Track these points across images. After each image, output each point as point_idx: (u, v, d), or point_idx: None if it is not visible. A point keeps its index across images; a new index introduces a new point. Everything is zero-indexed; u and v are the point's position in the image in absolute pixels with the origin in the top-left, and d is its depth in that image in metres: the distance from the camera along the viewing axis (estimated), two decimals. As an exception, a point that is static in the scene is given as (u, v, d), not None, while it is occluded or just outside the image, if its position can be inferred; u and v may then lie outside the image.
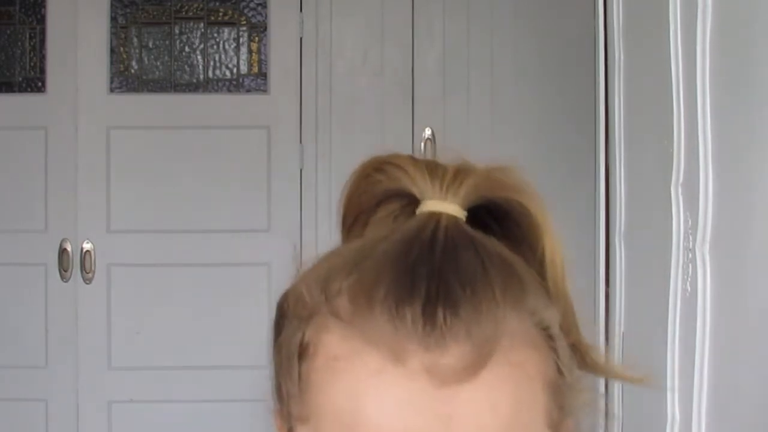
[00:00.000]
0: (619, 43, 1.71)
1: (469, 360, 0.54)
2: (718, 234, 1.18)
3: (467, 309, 0.55)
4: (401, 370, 0.54)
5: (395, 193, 0.63)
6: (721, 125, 1.17)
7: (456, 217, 0.60)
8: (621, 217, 1.71)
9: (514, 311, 0.57)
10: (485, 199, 0.62)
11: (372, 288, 0.56)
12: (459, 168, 0.62)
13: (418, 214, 0.60)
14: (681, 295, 1.29)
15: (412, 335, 0.54)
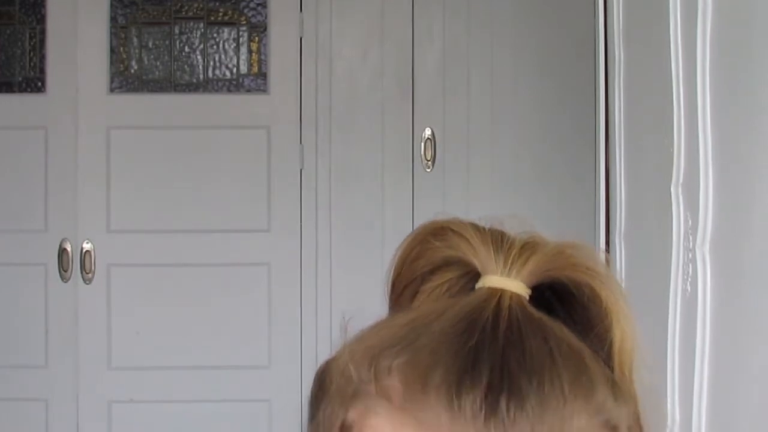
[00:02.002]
0: (619, 43, 1.71)
1: None
2: (718, 234, 1.18)
3: (533, 403, 0.49)
4: None
5: (454, 261, 0.57)
6: (721, 125, 1.17)
7: (520, 296, 0.55)
8: (621, 217, 1.71)
9: (582, 408, 0.51)
10: (552, 278, 0.57)
11: (428, 371, 0.50)
12: (527, 242, 0.57)
13: (478, 288, 0.55)
14: (681, 295, 1.29)
15: (471, 427, 0.49)
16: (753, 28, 1.07)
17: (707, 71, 1.19)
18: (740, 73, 1.10)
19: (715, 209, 1.18)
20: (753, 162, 1.06)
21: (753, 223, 1.06)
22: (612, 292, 0.57)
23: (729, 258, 1.15)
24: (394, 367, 0.51)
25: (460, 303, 0.54)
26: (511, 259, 0.56)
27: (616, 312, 0.57)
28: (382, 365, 0.52)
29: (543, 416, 0.49)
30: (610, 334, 0.56)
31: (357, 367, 0.53)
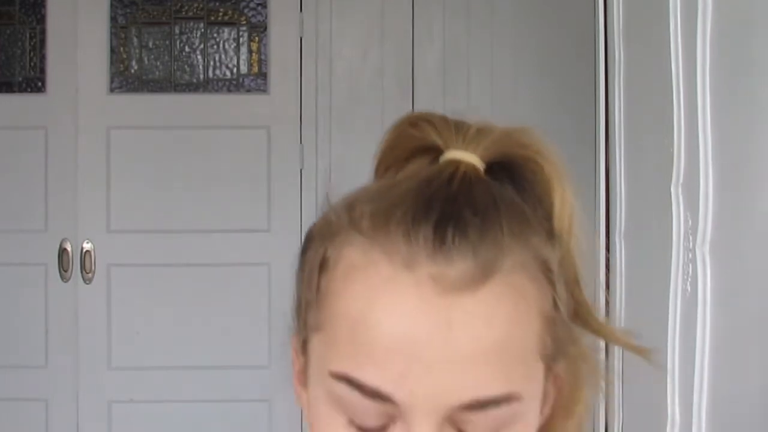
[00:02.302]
0: (619, 43, 1.71)
1: (472, 275, 0.59)
2: (718, 234, 1.18)
3: (475, 233, 0.60)
4: (411, 277, 0.60)
5: (424, 147, 0.68)
6: (721, 125, 1.17)
7: (475, 165, 0.65)
8: (621, 217, 1.71)
9: (518, 244, 0.62)
10: (503, 155, 0.67)
11: (391, 210, 0.62)
12: (483, 126, 0.68)
13: (441, 161, 0.66)
14: (681, 295, 1.29)
15: (423, 249, 0.60)
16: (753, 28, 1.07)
17: (707, 71, 1.19)
18: (740, 73, 1.11)
19: (715, 209, 1.18)
20: (753, 162, 1.06)
21: (753, 223, 1.06)
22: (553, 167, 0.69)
23: (729, 258, 1.15)
24: (366, 211, 0.63)
25: (425, 169, 0.66)
26: (469, 138, 0.66)
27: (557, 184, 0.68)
28: (356, 210, 0.63)
29: (483, 243, 0.60)
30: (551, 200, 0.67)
31: (336, 214, 0.65)
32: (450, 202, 0.62)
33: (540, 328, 0.63)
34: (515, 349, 0.61)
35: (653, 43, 1.43)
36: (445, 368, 0.59)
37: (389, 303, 0.60)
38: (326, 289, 0.64)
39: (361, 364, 0.60)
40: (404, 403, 0.60)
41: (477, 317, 0.60)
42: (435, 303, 0.59)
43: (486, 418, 0.61)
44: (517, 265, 0.62)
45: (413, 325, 0.59)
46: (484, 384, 0.60)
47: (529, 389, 0.63)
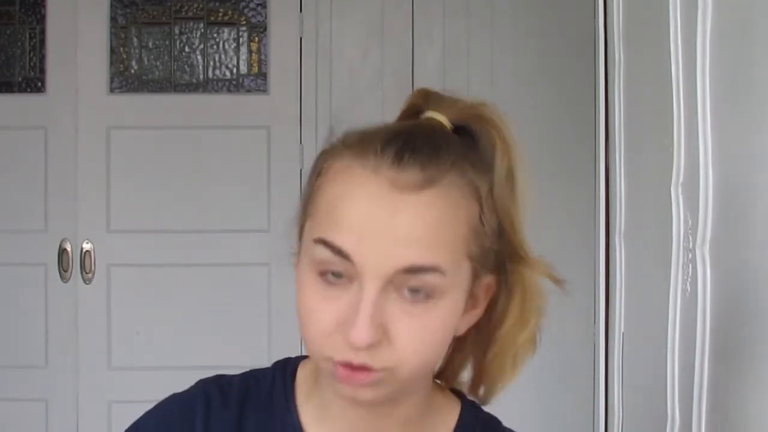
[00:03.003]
0: (619, 43, 1.71)
1: (418, 181, 0.84)
2: (718, 234, 1.18)
3: (424, 157, 0.86)
4: (375, 179, 0.85)
5: (416, 110, 0.96)
6: (721, 125, 1.17)
7: (441, 122, 0.93)
8: (621, 217, 1.71)
9: (457, 172, 0.87)
10: (464, 120, 0.93)
11: (372, 136, 0.89)
12: (457, 98, 0.96)
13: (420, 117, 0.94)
14: (681, 295, 1.29)
15: (387, 161, 0.85)
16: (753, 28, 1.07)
17: (707, 71, 1.19)
18: (740, 73, 1.11)
19: (715, 209, 1.18)
20: (753, 162, 1.06)
21: (753, 223, 1.06)
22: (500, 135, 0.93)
23: (729, 258, 1.15)
24: (356, 136, 0.91)
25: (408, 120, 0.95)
26: (443, 105, 0.94)
27: (501, 149, 0.92)
28: (349, 136, 0.93)
29: (428, 166, 0.85)
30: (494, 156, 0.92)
31: (337, 137, 0.94)
32: (413, 136, 0.88)
33: (466, 233, 0.87)
34: (443, 238, 0.85)
35: (653, 43, 1.43)
36: (389, 242, 0.83)
37: (357, 193, 0.85)
38: (319, 187, 0.91)
39: (333, 231, 0.85)
40: (359, 263, 0.83)
41: (416, 210, 0.84)
42: (388, 196, 0.84)
43: (417, 282, 0.84)
44: (454, 185, 0.86)
45: (370, 209, 0.84)
46: (417, 256, 0.83)
47: (454, 272, 0.85)
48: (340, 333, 0.83)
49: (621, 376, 1.74)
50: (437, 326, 0.85)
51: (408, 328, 0.84)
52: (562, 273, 1.00)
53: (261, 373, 1.02)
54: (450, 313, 0.86)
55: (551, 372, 3.13)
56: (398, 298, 0.84)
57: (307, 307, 0.86)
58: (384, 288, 0.83)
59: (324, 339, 0.85)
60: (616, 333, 1.74)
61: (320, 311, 0.85)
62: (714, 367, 1.17)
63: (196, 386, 1.05)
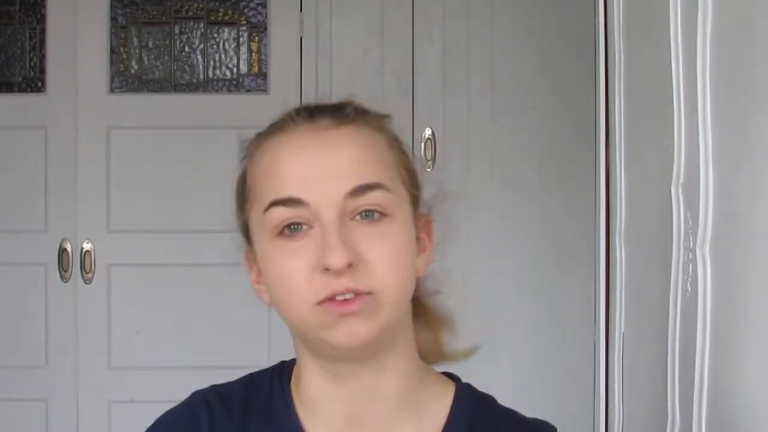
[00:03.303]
0: (619, 43, 1.71)
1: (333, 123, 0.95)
2: (718, 234, 1.18)
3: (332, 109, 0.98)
4: (295, 134, 0.95)
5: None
6: (721, 125, 1.17)
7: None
8: (621, 217, 1.71)
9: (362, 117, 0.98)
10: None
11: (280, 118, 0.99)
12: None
13: None
14: (681, 295, 1.29)
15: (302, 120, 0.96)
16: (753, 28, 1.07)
17: (707, 71, 1.19)
18: (740, 73, 1.11)
19: (715, 209, 1.18)
20: (753, 162, 1.06)
21: (753, 223, 1.06)
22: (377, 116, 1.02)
23: (729, 258, 1.15)
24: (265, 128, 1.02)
25: None
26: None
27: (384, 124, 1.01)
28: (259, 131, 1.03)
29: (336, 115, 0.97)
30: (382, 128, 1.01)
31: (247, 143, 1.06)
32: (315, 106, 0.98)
33: (393, 159, 0.96)
34: (375, 159, 0.93)
35: (653, 43, 1.43)
36: (331, 172, 0.90)
37: (286, 149, 0.94)
38: (249, 178, 0.99)
39: (277, 189, 0.92)
40: (312, 201, 0.89)
41: (341, 139, 0.93)
42: (314, 138, 0.93)
43: (367, 200, 0.90)
44: (364, 124, 0.97)
45: (304, 154, 0.92)
46: (358, 176, 0.90)
47: (395, 189, 0.93)
48: (318, 271, 0.88)
49: (621, 376, 1.74)
50: (399, 243, 0.91)
51: (375, 246, 0.89)
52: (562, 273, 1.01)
53: (258, 379, 1.03)
54: (405, 232, 0.93)
55: (551, 372, 3.13)
56: (356, 225, 0.89)
57: (280, 271, 0.91)
58: (341, 216, 0.89)
59: (304, 288, 0.89)
60: (616, 333, 1.74)
61: (293, 267, 0.90)
62: (714, 367, 1.17)
63: (195, 397, 1.04)
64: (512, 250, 3.14)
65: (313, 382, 0.96)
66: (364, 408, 0.95)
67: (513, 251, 3.14)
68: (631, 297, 1.68)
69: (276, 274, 0.92)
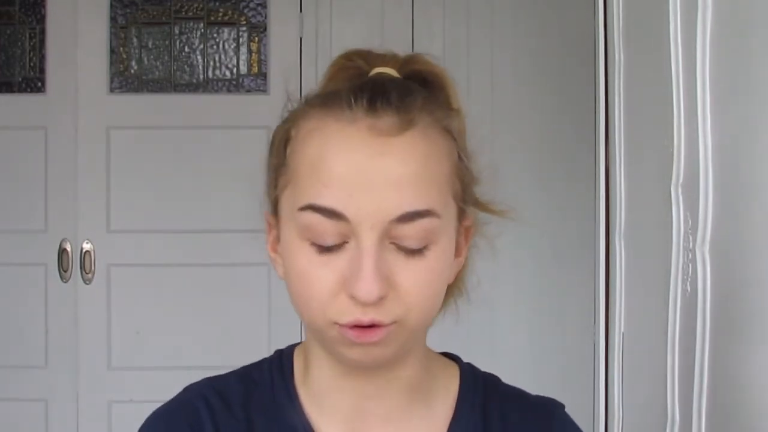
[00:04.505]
0: (619, 43, 1.71)
1: (396, 125, 0.83)
2: (718, 234, 1.18)
3: (396, 101, 0.85)
4: (353, 128, 0.83)
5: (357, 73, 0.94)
6: (721, 125, 1.17)
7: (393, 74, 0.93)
8: (621, 217, 1.71)
9: (428, 113, 0.87)
10: (411, 69, 0.94)
11: (336, 93, 0.86)
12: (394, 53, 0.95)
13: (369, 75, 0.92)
14: (681, 295, 1.29)
15: (361, 111, 0.84)
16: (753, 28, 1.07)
17: (707, 71, 1.19)
18: (740, 73, 1.11)
19: (715, 209, 1.18)
20: (753, 162, 1.06)
21: (753, 223, 1.06)
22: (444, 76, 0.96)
23: (729, 258, 1.15)
24: (317, 96, 0.90)
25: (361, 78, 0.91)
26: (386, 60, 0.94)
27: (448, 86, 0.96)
28: (309, 97, 0.90)
29: (402, 109, 0.84)
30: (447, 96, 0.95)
31: (293, 105, 0.92)
32: (379, 84, 0.87)
33: (450, 171, 0.87)
34: (431, 179, 0.84)
35: (653, 43, 1.43)
36: (382, 189, 0.81)
37: (338, 145, 0.83)
38: (291, 153, 0.88)
39: (320, 192, 0.82)
40: (353, 218, 0.81)
41: (401, 152, 0.83)
42: (371, 143, 0.82)
43: (413, 230, 0.83)
44: (428, 125, 0.86)
45: (356, 159, 0.82)
46: (409, 202, 0.82)
47: (445, 213, 0.85)
48: (344, 293, 0.82)
49: (621, 376, 1.74)
50: (437, 270, 0.85)
51: (412, 275, 0.83)
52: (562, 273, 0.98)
53: (257, 372, 0.98)
54: (446, 255, 0.87)
55: (551, 372, 3.13)
56: (396, 251, 0.83)
57: (304, 275, 0.85)
58: (381, 239, 0.82)
59: (326, 304, 0.83)
60: (616, 333, 1.74)
61: (319, 277, 0.83)
62: (714, 367, 1.17)
63: (190, 392, 0.98)
64: (512, 250, 3.14)
65: (324, 376, 0.93)
66: (374, 402, 0.93)
67: (513, 251, 3.14)
68: (631, 297, 1.68)
69: (299, 274, 0.86)
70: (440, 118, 0.88)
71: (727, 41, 1.15)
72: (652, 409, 1.41)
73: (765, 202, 1.03)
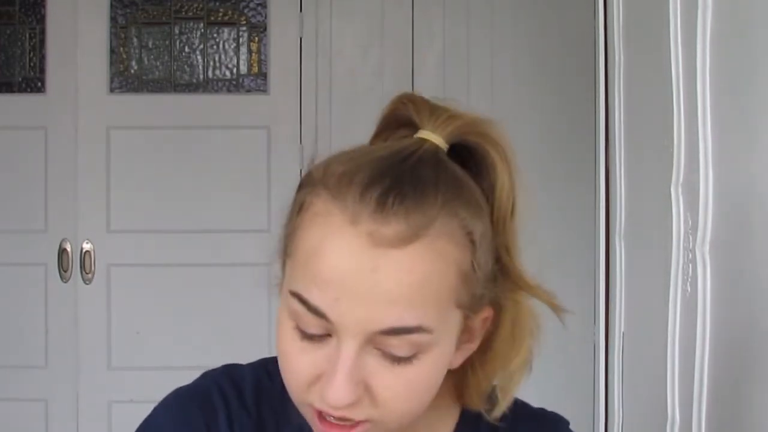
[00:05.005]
0: (619, 43, 1.71)
1: (401, 235, 0.75)
2: (718, 234, 1.18)
3: (411, 203, 0.76)
4: (353, 230, 0.76)
5: (406, 122, 0.86)
6: (721, 125, 1.17)
7: (437, 145, 0.82)
8: (621, 217, 1.71)
9: (447, 215, 0.77)
10: (463, 139, 0.84)
11: (353, 174, 0.78)
12: (454, 113, 0.85)
13: (414, 137, 0.84)
14: (681, 295, 1.29)
15: (368, 209, 0.76)
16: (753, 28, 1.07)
17: (707, 71, 1.19)
18: (740, 74, 1.11)
19: (715, 209, 1.18)
20: (753, 162, 1.06)
21: (753, 223, 1.06)
22: (502, 157, 0.84)
23: (729, 258, 1.15)
24: (336, 171, 0.79)
25: (398, 143, 0.82)
26: (439, 122, 0.83)
27: (501, 170, 0.84)
28: (330, 168, 0.80)
29: (415, 214, 0.76)
30: (494, 182, 0.84)
31: (317, 169, 0.82)
32: (399, 176, 0.77)
33: (456, 283, 0.79)
34: (429, 295, 0.77)
35: (653, 43, 1.43)
36: (369, 302, 0.75)
37: (334, 246, 0.77)
38: (299, 227, 0.83)
39: (309, 287, 0.79)
40: (336, 322, 0.77)
41: (399, 268, 0.75)
42: (368, 252, 0.75)
43: (400, 341, 0.77)
44: (443, 233, 0.77)
45: (348, 266, 0.76)
46: (399, 317, 0.76)
47: (441, 326, 0.78)
48: (319, 385, 0.80)
49: (621, 376, 1.74)
50: (422, 379, 0.79)
51: (391, 384, 0.78)
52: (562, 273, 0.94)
53: (272, 364, 0.97)
54: (437, 364, 0.80)
55: (551, 372, 3.13)
56: (379, 355, 0.78)
57: (285, 355, 0.84)
58: (363, 346, 0.77)
59: (302, 388, 0.81)
60: (616, 333, 1.74)
61: (298, 362, 0.82)
62: (714, 367, 1.17)
63: (206, 379, 0.96)
64: (512, 250, 3.14)
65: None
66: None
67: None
68: (631, 297, 1.68)
69: (281, 352, 0.85)
70: (463, 219, 0.79)
71: (727, 41, 1.15)
72: (652, 409, 1.41)
73: (765, 202, 1.03)
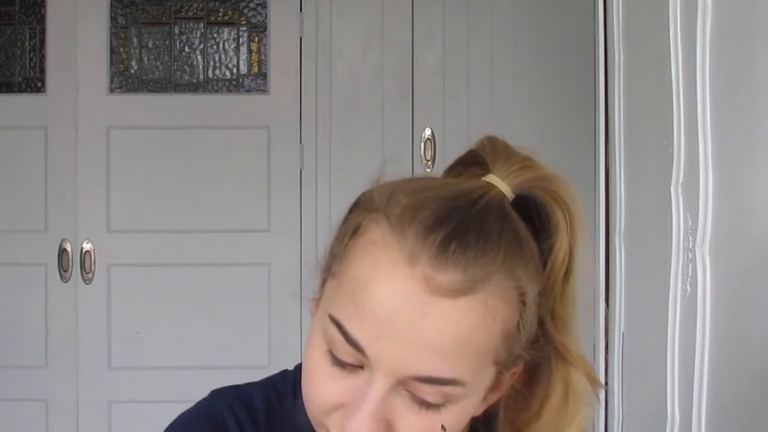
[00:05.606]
0: (619, 43, 1.71)
1: (457, 286, 0.73)
2: (718, 234, 1.18)
3: (472, 254, 0.74)
4: (409, 270, 0.74)
5: (479, 162, 0.84)
6: (721, 125, 1.17)
7: (503, 194, 0.80)
8: (621, 217, 1.71)
9: (504, 273, 0.76)
10: (531, 193, 0.81)
11: (418, 210, 0.76)
12: (528, 163, 0.82)
13: (482, 180, 0.81)
14: (681, 295, 1.29)
15: (427, 252, 0.74)
16: (753, 28, 1.07)
17: (707, 71, 1.19)
18: (740, 74, 1.11)
19: (715, 209, 1.18)
20: (753, 162, 1.06)
21: (753, 223, 1.06)
22: (567, 218, 0.81)
23: (729, 258, 1.15)
24: (400, 202, 0.77)
25: (465, 183, 0.80)
26: (511, 170, 0.81)
27: (564, 233, 0.80)
28: (394, 198, 0.78)
29: (474, 266, 0.74)
30: (554, 244, 0.80)
31: (379, 195, 0.80)
32: (464, 222, 0.75)
33: (499, 343, 0.77)
34: (471, 351, 0.75)
35: (653, 44, 1.43)
36: (411, 346, 0.74)
37: (385, 283, 0.75)
38: (350, 250, 0.79)
39: (351, 317, 0.76)
40: (372, 359, 0.75)
41: (448, 319, 0.74)
42: (419, 297, 0.73)
43: (433, 390, 0.75)
44: (497, 290, 0.75)
45: (397, 307, 0.74)
46: (437, 367, 0.74)
47: (475, 381, 0.77)
48: (341, 414, 0.78)
49: (621, 376, 1.74)
50: (451, 425, 0.78)
51: (414, 426, 0.77)
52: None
53: (281, 384, 0.96)
54: (463, 414, 0.79)
55: (551, 372, 3.13)
56: (408, 397, 0.77)
57: (312, 377, 0.81)
58: (395, 386, 0.76)
59: (323, 413, 0.80)
60: (616, 333, 1.74)
61: (325, 387, 0.79)
62: (714, 367, 1.17)
63: (218, 401, 0.96)
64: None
65: None
66: None
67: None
68: (631, 297, 1.68)
69: (308, 372, 0.81)
70: (519, 280, 0.77)
71: (727, 41, 1.15)
72: (652, 409, 1.41)
73: (765, 202, 1.03)
